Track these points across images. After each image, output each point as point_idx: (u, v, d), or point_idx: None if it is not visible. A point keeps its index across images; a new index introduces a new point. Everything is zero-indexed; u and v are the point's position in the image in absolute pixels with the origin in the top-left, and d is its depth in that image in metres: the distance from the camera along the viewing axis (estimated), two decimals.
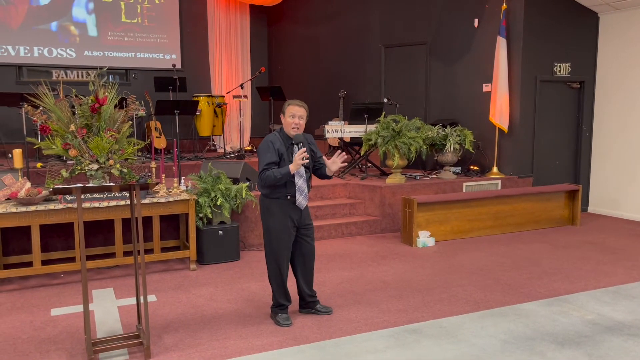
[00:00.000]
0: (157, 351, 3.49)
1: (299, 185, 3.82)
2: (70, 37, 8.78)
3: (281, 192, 3.80)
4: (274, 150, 3.76)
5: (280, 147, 3.78)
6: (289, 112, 3.80)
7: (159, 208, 5.02)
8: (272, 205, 3.84)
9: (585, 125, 8.13)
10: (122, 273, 5.16)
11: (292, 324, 3.91)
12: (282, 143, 3.81)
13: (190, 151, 8.89)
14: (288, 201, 3.81)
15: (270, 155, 3.75)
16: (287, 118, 3.80)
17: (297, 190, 3.81)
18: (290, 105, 3.83)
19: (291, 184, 3.79)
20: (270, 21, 10.46)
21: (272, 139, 3.81)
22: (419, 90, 8.42)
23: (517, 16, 7.41)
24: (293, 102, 3.85)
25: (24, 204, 4.59)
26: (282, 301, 3.97)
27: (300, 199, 3.83)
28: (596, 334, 3.75)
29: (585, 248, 6.09)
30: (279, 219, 3.82)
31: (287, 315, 3.97)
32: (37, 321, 3.99)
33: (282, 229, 3.83)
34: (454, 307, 4.24)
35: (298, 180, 3.81)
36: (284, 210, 3.82)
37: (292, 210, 3.84)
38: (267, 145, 3.78)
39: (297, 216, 3.88)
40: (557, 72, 7.80)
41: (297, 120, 3.79)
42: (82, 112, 4.98)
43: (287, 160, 3.78)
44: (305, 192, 3.86)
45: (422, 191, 6.97)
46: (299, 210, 3.88)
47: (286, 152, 3.80)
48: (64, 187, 3.19)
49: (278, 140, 3.81)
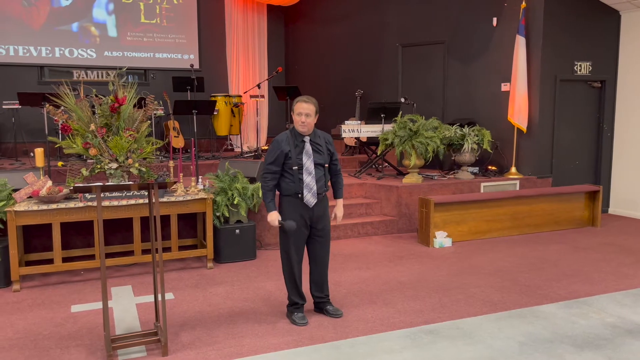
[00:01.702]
0: (174, 348, 3.52)
1: (307, 183, 3.78)
2: (90, 37, 8.91)
3: (290, 189, 3.80)
4: (279, 152, 3.76)
5: (286, 146, 3.78)
6: (296, 110, 3.79)
7: (177, 207, 5.07)
8: (284, 202, 3.85)
9: (606, 125, 8.00)
10: (140, 271, 5.22)
11: (307, 323, 3.92)
12: (292, 141, 3.81)
13: (208, 150, 8.96)
14: (299, 199, 3.80)
15: (272, 157, 3.78)
16: (295, 116, 3.80)
17: (304, 187, 3.78)
18: (298, 102, 3.80)
19: (298, 181, 3.77)
20: (288, 21, 10.48)
21: (280, 138, 3.82)
22: (437, 89, 8.37)
23: (536, 15, 7.32)
24: (301, 98, 3.82)
25: (46, 202, 4.66)
26: (296, 300, 3.97)
27: (308, 197, 3.79)
28: (616, 337, 3.69)
29: (605, 250, 5.99)
30: (290, 216, 3.82)
31: (302, 315, 3.97)
32: (57, 317, 4.05)
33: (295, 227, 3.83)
34: (471, 308, 4.21)
35: (306, 177, 3.78)
36: (295, 209, 3.81)
37: (303, 208, 3.82)
38: (275, 145, 3.80)
39: (309, 214, 3.84)
40: (578, 71, 7.69)
41: (303, 118, 3.77)
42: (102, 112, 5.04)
43: (293, 157, 3.77)
44: (314, 189, 3.79)
45: (439, 191, 6.93)
46: (310, 212, 3.84)
47: (294, 149, 3.79)
48: (84, 186, 3.24)
49: (287, 138, 3.81)
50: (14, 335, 3.72)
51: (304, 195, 3.78)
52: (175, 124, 8.32)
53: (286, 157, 3.78)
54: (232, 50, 9.65)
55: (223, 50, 9.68)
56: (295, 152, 3.78)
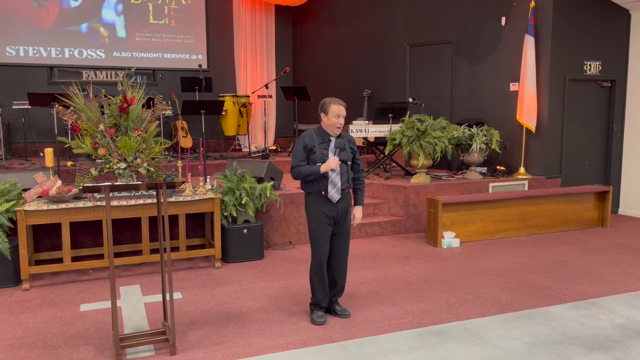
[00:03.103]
0: (182, 348, 3.53)
1: (332, 179, 3.83)
2: (99, 38, 8.96)
3: (315, 187, 3.84)
4: (303, 147, 3.83)
5: (310, 141, 3.83)
6: (333, 113, 3.81)
7: (185, 206, 5.08)
8: (309, 201, 3.91)
9: (616, 125, 7.94)
10: (149, 270, 5.25)
11: (325, 323, 3.93)
12: (317, 138, 3.85)
13: (216, 150, 8.98)
14: (323, 196, 3.84)
15: (299, 153, 3.84)
16: (332, 118, 3.81)
17: (329, 183, 3.82)
18: (333, 104, 3.83)
19: (323, 178, 3.82)
20: (295, 21, 10.49)
21: (306, 135, 3.89)
22: (445, 89, 8.34)
23: (545, 14, 7.27)
24: (335, 100, 3.84)
25: (55, 202, 4.70)
26: (324, 300, 3.98)
27: (332, 192, 3.83)
28: (626, 338, 3.66)
29: (615, 250, 5.95)
30: (315, 215, 3.87)
31: (322, 313, 4.00)
32: (66, 316, 4.08)
33: (320, 224, 3.87)
34: (479, 309, 4.19)
35: (331, 173, 3.82)
36: (319, 206, 3.86)
37: (327, 206, 3.86)
38: (299, 141, 3.88)
39: (333, 212, 3.88)
40: (587, 70, 7.63)
41: (341, 120, 3.84)
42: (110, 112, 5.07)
43: (318, 153, 3.81)
44: (338, 185, 3.85)
45: (447, 191, 6.91)
46: (334, 206, 3.88)
47: (319, 145, 3.82)
48: (93, 185, 3.26)
49: (311, 136, 3.87)
50: (23, 334, 3.76)
51: (329, 190, 3.83)
52: (183, 124, 8.35)
53: (310, 151, 3.82)
54: (240, 50, 9.67)
55: (231, 50, 9.71)
56: (319, 147, 3.83)
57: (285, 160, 8.23)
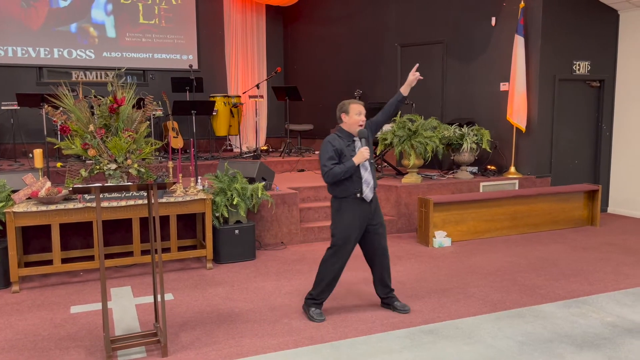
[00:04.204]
0: (174, 349, 3.52)
1: (365, 178, 3.88)
2: (89, 38, 8.90)
3: (349, 190, 3.87)
4: (333, 150, 3.85)
5: (339, 146, 3.87)
6: (355, 111, 3.89)
7: (176, 207, 5.06)
8: (342, 204, 3.91)
9: (605, 124, 8.00)
10: (140, 271, 5.22)
11: (325, 320, 3.95)
12: (343, 142, 3.90)
13: (207, 151, 8.96)
14: (357, 199, 3.88)
15: (330, 154, 3.85)
16: (354, 116, 3.89)
17: (363, 182, 3.87)
18: (353, 104, 3.92)
19: (357, 179, 3.85)
20: (286, 21, 10.48)
21: (330, 139, 3.92)
22: (436, 89, 8.37)
23: (535, 14, 7.32)
24: (353, 101, 3.96)
25: (44, 203, 4.66)
26: (324, 295, 4.02)
27: (366, 192, 3.88)
28: (616, 336, 3.69)
29: (604, 249, 6.00)
30: (350, 218, 3.89)
31: (320, 311, 4.02)
32: (57, 318, 4.05)
33: (353, 227, 3.90)
34: (470, 308, 4.21)
35: (364, 173, 3.88)
36: (354, 210, 3.88)
37: (361, 209, 3.90)
38: (326, 145, 3.90)
39: (368, 214, 3.93)
40: (576, 70, 7.69)
41: (363, 117, 3.91)
42: (100, 113, 5.04)
43: (348, 156, 3.85)
44: (372, 184, 3.91)
45: (438, 191, 6.93)
46: (369, 208, 3.92)
47: (346, 149, 3.87)
48: (83, 187, 3.24)
49: (337, 139, 3.91)
50: (13, 337, 3.72)
51: (364, 190, 3.87)
52: (174, 125, 8.32)
53: (341, 155, 3.86)
54: (231, 50, 9.65)
55: (222, 50, 9.68)
56: (347, 150, 3.87)
57: (276, 160, 8.23)
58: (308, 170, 8.28)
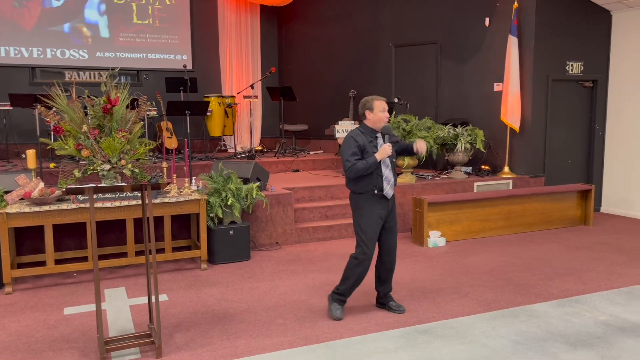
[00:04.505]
0: (168, 350, 3.51)
1: (386, 175, 3.91)
2: (82, 38, 8.86)
3: (368, 186, 3.89)
4: (356, 145, 3.87)
5: (362, 142, 3.88)
6: (379, 107, 3.90)
7: (170, 208, 5.05)
8: (361, 200, 3.94)
9: (598, 124, 8.05)
10: (134, 272, 5.20)
11: (341, 319, 3.98)
12: (365, 137, 3.91)
13: (201, 151, 8.93)
14: (376, 195, 3.90)
15: (353, 149, 3.87)
16: (379, 113, 3.90)
17: (384, 179, 3.90)
18: (377, 100, 3.92)
19: (377, 176, 3.88)
20: (281, 21, 10.47)
21: (353, 134, 3.94)
22: (430, 89, 8.39)
23: (528, 15, 7.35)
24: (377, 97, 3.95)
25: (38, 204, 4.64)
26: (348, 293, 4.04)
27: (387, 189, 3.91)
28: (609, 335, 3.71)
29: (598, 248, 6.03)
30: (369, 214, 3.92)
31: (342, 308, 4.05)
32: (50, 320, 4.03)
33: (373, 223, 3.93)
34: (465, 308, 4.22)
35: (385, 170, 3.90)
36: (373, 205, 3.91)
37: (380, 205, 3.93)
38: (349, 140, 3.91)
39: (385, 211, 3.96)
40: (570, 70, 7.73)
41: (387, 114, 3.93)
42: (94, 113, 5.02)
43: (370, 152, 3.88)
44: (392, 181, 3.94)
45: (432, 191, 6.94)
46: (387, 205, 3.95)
47: (369, 145, 3.89)
48: (76, 187, 3.22)
49: (360, 135, 3.92)
50: (6, 338, 3.70)
51: (384, 187, 3.89)
52: (168, 125, 8.29)
53: (363, 150, 3.88)
54: (225, 50, 9.63)
55: (216, 50, 9.66)
56: (370, 146, 3.89)
57: (271, 160, 8.22)
58: (303, 171, 8.28)
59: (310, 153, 9.33)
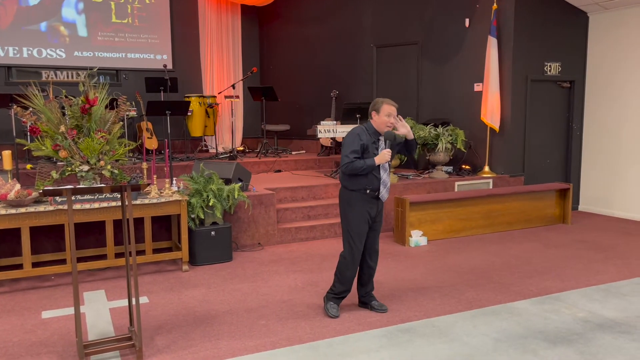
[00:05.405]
0: (149, 353, 3.47)
1: (384, 179, 3.92)
2: (59, 37, 8.72)
3: (361, 184, 3.89)
4: (360, 144, 3.86)
5: (366, 141, 3.88)
6: (385, 112, 3.88)
7: (151, 209, 4.99)
8: (352, 197, 3.94)
9: (575, 124, 8.18)
10: (114, 275, 5.13)
11: (338, 317, 4.00)
12: (370, 137, 3.91)
13: (182, 152, 8.86)
14: (367, 195, 3.90)
15: (355, 146, 3.86)
16: (384, 117, 3.88)
17: (381, 183, 3.92)
18: (385, 104, 3.91)
19: (374, 178, 3.88)
20: (262, 21, 10.44)
21: (358, 131, 3.93)
22: (411, 90, 8.44)
23: (507, 16, 7.44)
24: (387, 101, 3.94)
25: (14, 206, 4.55)
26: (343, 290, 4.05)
27: (383, 192, 3.95)
28: (587, 331, 3.77)
29: (576, 246, 6.12)
30: (358, 211, 3.92)
31: (337, 306, 4.07)
32: (27, 324, 3.95)
33: (361, 221, 3.93)
34: (446, 306, 4.25)
35: (383, 174, 3.91)
36: (363, 204, 3.92)
37: (370, 204, 3.94)
38: (354, 136, 3.90)
39: (374, 211, 3.97)
40: (548, 71, 7.85)
41: (392, 119, 3.90)
42: (72, 113, 4.94)
43: (371, 153, 3.88)
44: (388, 186, 3.97)
45: (414, 190, 6.98)
46: (376, 205, 3.97)
47: (371, 145, 3.89)
48: (54, 189, 3.17)
49: (365, 133, 3.91)
50: None
51: (381, 191, 3.92)
52: (148, 125, 8.21)
53: (365, 150, 3.88)
54: (206, 50, 9.57)
55: (197, 50, 9.59)
56: (372, 147, 3.89)
57: (253, 161, 8.19)
58: (285, 171, 8.26)
59: (292, 153, 9.32)
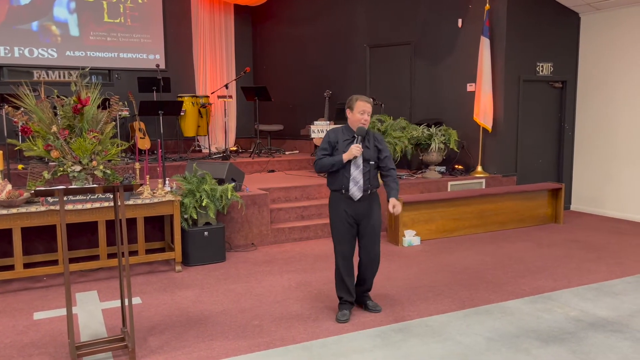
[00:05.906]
0: (142, 354, 3.45)
1: (354, 176, 3.86)
2: (51, 37, 8.67)
3: (336, 184, 3.90)
4: (327, 141, 3.89)
5: (334, 139, 3.89)
6: (359, 109, 3.85)
7: (143, 209, 4.97)
8: (332, 197, 3.97)
9: (567, 124, 8.23)
10: (106, 275, 5.10)
11: (347, 321, 3.94)
12: (342, 135, 3.90)
13: (175, 152, 8.83)
14: (343, 195, 3.89)
15: (324, 144, 3.89)
16: (357, 114, 3.86)
17: (350, 180, 3.86)
18: (359, 100, 3.87)
19: (343, 176, 3.86)
20: (255, 21, 10.43)
21: (331, 130, 3.96)
22: (404, 90, 8.45)
23: (500, 16, 7.47)
24: (362, 97, 3.90)
25: (5, 207, 4.51)
26: (340, 294, 4.03)
27: (353, 190, 3.87)
28: (580, 330, 3.80)
29: (568, 246, 6.16)
30: (336, 211, 3.93)
31: (345, 312, 4.00)
32: (19, 325, 3.93)
33: (338, 221, 3.92)
34: (440, 306, 4.26)
35: (354, 170, 3.86)
36: (340, 204, 3.91)
37: (347, 204, 3.90)
38: (325, 135, 3.94)
39: (353, 211, 3.91)
40: (540, 71, 7.88)
41: (366, 116, 3.87)
42: (64, 113, 4.91)
43: (340, 149, 3.87)
44: (360, 183, 3.86)
45: (407, 190, 7.00)
46: (355, 207, 3.91)
47: (343, 143, 3.87)
48: (46, 189, 3.15)
49: (337, 132, 3.93)
50: None
51: (350, 188, 3.86)
52: (141, 125, 8.17)
53: (334, 147, 3.88)
54: (199, 50, 9.54)
55: (189, 50, 9.56)
56: (343, 144, 3.87)
57: (246, 161, 8.17)
58: (278, 171, 8.26)
59: (285, 153, 9.31)
